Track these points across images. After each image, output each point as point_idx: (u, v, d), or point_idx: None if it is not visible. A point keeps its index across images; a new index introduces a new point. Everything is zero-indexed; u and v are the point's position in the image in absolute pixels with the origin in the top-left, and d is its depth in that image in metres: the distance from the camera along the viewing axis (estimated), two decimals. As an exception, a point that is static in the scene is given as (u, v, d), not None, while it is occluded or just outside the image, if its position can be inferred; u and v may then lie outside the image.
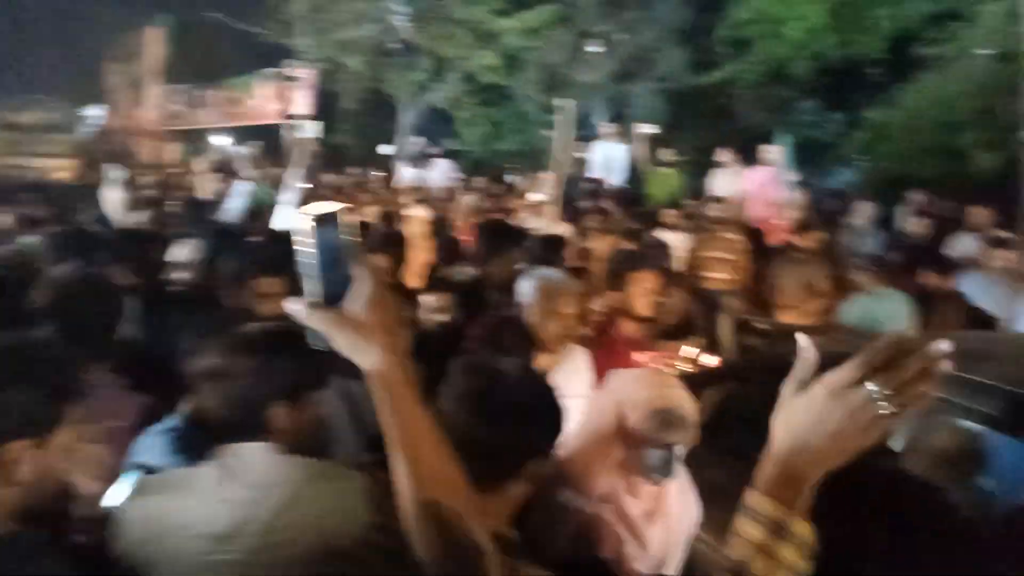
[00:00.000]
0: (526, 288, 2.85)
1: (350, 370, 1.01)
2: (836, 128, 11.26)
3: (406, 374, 1.00)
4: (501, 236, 3.88)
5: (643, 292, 3.00)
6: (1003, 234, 5.44)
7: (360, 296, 0.98)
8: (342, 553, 1.12)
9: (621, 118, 10.67)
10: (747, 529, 0.93)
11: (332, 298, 0.99)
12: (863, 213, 6.79)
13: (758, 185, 7.86)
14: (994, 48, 8.17)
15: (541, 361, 2.73)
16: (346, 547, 1.13)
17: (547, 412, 1.30)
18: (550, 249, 4.25)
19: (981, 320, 3.87)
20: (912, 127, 9.10)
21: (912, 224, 6.76)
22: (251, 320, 1.67)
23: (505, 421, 1.23)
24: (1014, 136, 7.39)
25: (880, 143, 9.53)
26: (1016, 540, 2.17)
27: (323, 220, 0.99)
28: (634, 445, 1.72)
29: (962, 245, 5.63)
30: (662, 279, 3.12)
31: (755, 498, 0.94)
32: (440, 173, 10.45)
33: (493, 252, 3.67)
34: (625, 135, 9.36)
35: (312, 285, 0.99)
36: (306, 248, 0.98)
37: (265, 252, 2.84)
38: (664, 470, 1.73)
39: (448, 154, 12.02)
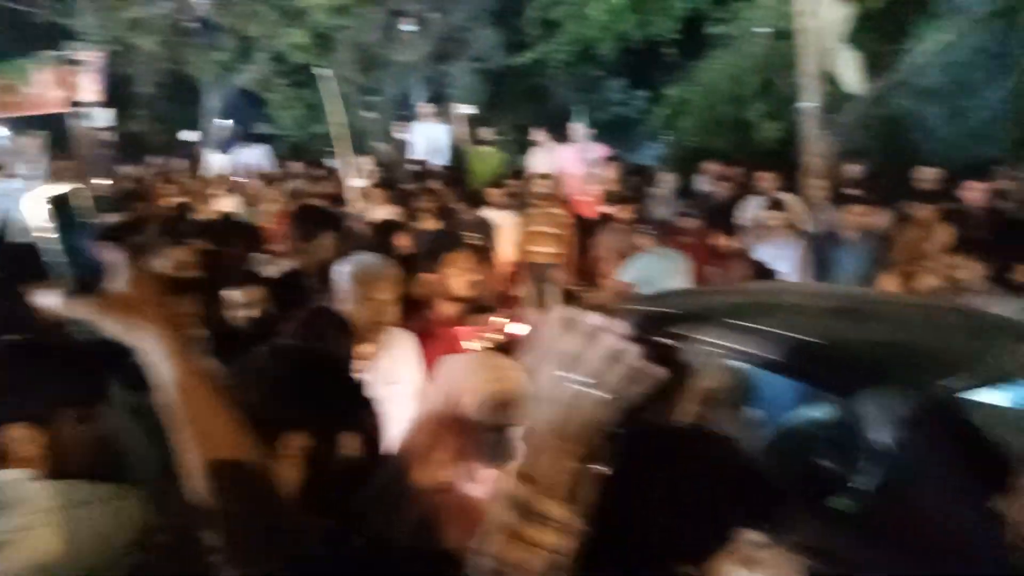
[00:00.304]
0: (340, 275, 2.77)
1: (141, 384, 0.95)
2: (641, 105, 11.92)
3: (183, 345, 0.95)
4: (315, 222, 3.75)
5: (459, 272, 3.02)
6: (780, 196, 6.04)
7: (118, 275, 0.92)
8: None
9: (440, 98, 10.65)
10: (496, 513, 0.89)
11: (87, 283, 0.92)
12: (666, 184, 7.27)
13: (572, 161, 8.19)
14: (771, 27, 8.98)
15: (364, 350, 2.68)
16: (123, 567, 1.04)
17: (314, 386, 1.26)
18: (381, 234, 4.17)
19: (764, 273, 4.31)
20: (707, 102, 9.83)
21: (708, 191, 7.32)
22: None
23: (256, 392, 1.19)
24: (792, 107, 8.19)
25: (680, 118, 10.21)
26: (779, 457, 2.50)
27: (59, 202, 0.92)
28: (471, 431, 1.72)
29: (750, 208, 6.18)
30: (477, 258, 3.16)
31: (506, 480, 0.91)
32: (253, 159, 9.94)
33: (307, 239, 3.54)
34: (445, 115, 9.37)
35: (63, 273, 0.92)
36: (48, 235, 0.91)
37: (28, 255, 2.54)
38: (502, 453, 1.74)
39: (263, 139, 11.44)
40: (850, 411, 2.27)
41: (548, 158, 8.28)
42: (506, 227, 6.63)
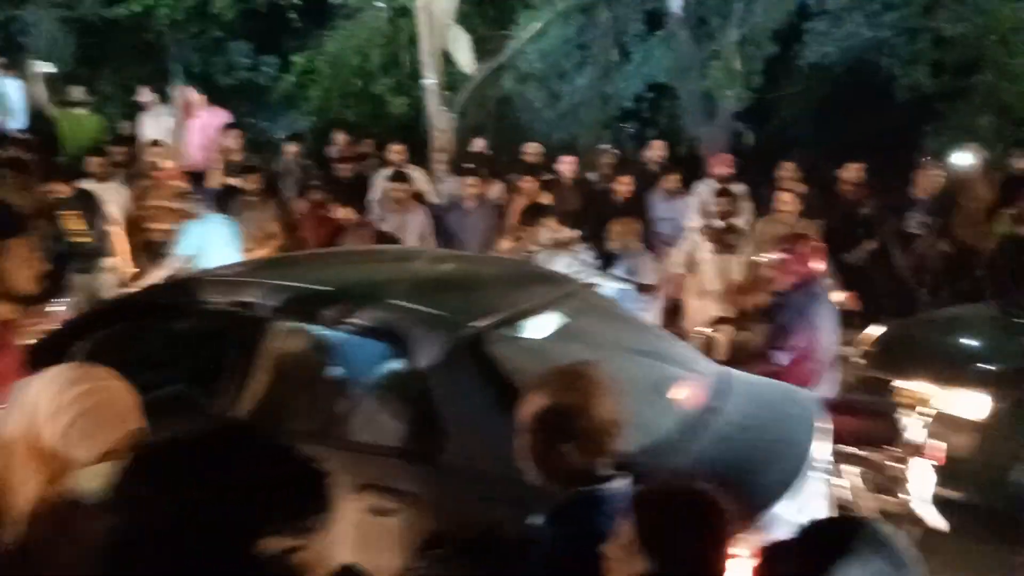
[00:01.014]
0: None
1: None
2: (272, 72, 11.36)
3: None
4: None
5: (24, 262, 2.42)
6: (406, 168, 6.27)
7: None
8: None
9: (14, 49, 8.85)
10: None
11: None
12: (291, 153, 7.05)
13: (189, 128, 7.47)
14: (391, 2, 9.15)
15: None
16: None
17: None
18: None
19: (388, 243, 4.49)
20: (334, 73, 9.70)
21: (335, 161, 7.22)
22: None
23: None
24: (416, 83, 8.50)
25: (310, 87, 9.95)
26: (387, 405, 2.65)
27: None
28: (63, 467, 1.40)
29: (379, 179, 6.28)
30: (41, 243, 2.61)
31: None
32: None
33: None
34: (19, 69, 7.81)
35: None
36: None
37: None
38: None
39: None
40: (412, 360, 2.50)
41: (161, 123, 7.42)
42: (112, 201, 5.81)
